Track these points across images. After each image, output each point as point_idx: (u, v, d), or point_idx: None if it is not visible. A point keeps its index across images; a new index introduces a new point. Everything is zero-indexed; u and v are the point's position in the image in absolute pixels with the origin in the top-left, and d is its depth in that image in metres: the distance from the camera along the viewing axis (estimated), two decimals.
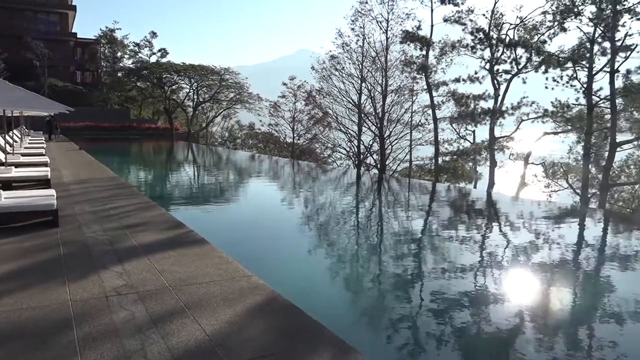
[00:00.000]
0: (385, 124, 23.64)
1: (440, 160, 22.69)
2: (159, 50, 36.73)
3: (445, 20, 21.24)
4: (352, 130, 25.35)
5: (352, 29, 23.60)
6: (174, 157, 21.56)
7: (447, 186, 17.61)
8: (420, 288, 4.51)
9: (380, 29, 23.22)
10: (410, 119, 23.70)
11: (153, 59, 36.12)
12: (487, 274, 5.12)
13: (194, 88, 34.03)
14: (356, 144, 25.26)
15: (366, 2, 23.02)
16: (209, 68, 33.38)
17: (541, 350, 3.25)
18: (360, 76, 23.93)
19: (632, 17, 17.05)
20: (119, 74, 36.59)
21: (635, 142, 18.80)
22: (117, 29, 37.29)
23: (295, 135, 28.97)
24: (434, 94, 22.21)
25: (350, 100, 24.48)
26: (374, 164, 25.55)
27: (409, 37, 21.91)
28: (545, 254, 6.04)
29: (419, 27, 22.03)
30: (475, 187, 21.95)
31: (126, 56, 37.87)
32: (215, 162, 19.85)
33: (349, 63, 24.35)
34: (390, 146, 24.41)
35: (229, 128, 36.36)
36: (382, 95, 23.34)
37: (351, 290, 4.52)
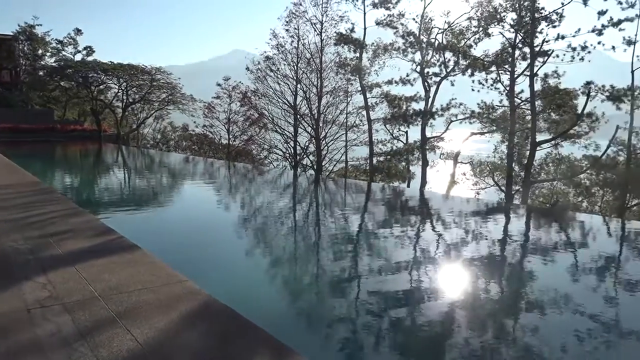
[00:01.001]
0: (321, 125, 23.85)
1: (374, 160, 23.18)
2: (85, 48, 34.87)
3: (378, 24, 21.75)
4: (288, 132, 25.36)
5: (287, 30, 23.64)
6: (102, 160, 20.61)
7: (382, 186, 18.03)
8: (358, 286, 4.58)
9: (315, 30, 23.42)
10: (345, 120, 24.06)
11: (78, 57, 34.29)
12: (422, 269, 5.29)
13: (123, 88, 32.58)
14: (292, 145, 25.29)
15: (300, 4, 23.15)
16: (138, 67, 32.11)
17: (472, 339, 3.39)
18: (295, 77, 24.00)
19: (548, 25, 18.22)
20: (40, 73, 34.42)
21: (553, 142, 20.09)
22: (38, 25, 35.09)
23: (230, 136, 28.54)
24: (368, 95, 22.67)
25: (286, 102, 24.49)
26: (311, 164, 25.69)
27: (343, 39, 22.25)
28: (474, 248, 6.32)
29: (352, 30, 22.42)
30: (408, 186, 22.60)
31: (48, 54, 35.70)
32: (147, 164, 19.18)
33: (284, 64, 24.36)
34: (326, 147, 24.65)
35: (161, 130, 35.18)
36: (318, 96, 23.53)
37: (290, 292, 4.51)
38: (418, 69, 21.62)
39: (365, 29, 22.22)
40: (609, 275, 5.23)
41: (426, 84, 21.61)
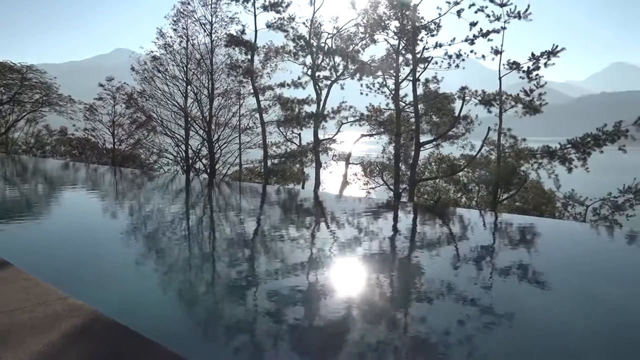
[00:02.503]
0: (213, 127, 23.35)
1: (269, 162, 23.20)
2: None
3: (269, 27, 21.80)
4: (179, 135, 24.50)
5: (175, 29, 22.84)
6: None
7: (277, 188, 18.09)
8: (256, 290, 4.54)
9: (205, 31, 22.88)
10: (238, 123, 23.80)
11: None
12: (318, 269, 5.38)
13: None
14: (184, 149, 24.47)
15: (188, 3, 22.49)
16: (6, 65, 29.01)
17: (368, 333, 3.51)
18: (185, 79, 23.26)
19: (427, 34, 19.53)
20: None
21: (435, 142, 21.55)
22: None
23: (116, 140, 26.86)
24: (261, 98, 22.63)
25: (176, 104, 23.63)
26: (204, 168, 25.05)
27: (234, 41, 21.99)
28: (367, 245, 6.58)
29: (243, 32, 22.24)
30: (303, 187, 22.95)
31: None
32: (19, 172, 17.41)
33: (173, 65, 23.49)
34: (219, 150, 24.19)
35: (35, 133, 32.10)
36: (209, 98, 23.02)
37: (186, 301, 4.34)
38: (309, 72, 22.03)
39: (256, 31, 22.15)
40: (485, 264, 5.71)
41: (317, 87, 22.08)
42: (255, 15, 22.03)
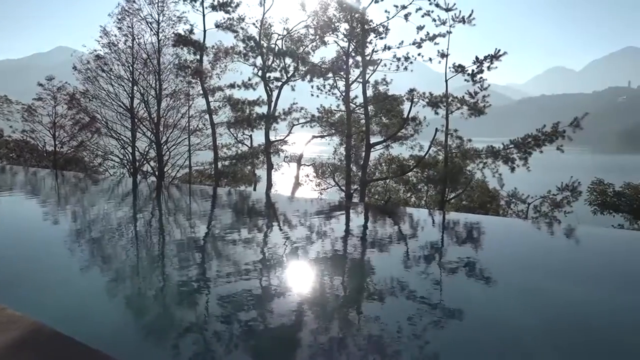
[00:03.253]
0: (161, 129, 22.76)
1: (220, 164, 22.88)
2: None
3: (218, 27, 21.50)
4: (125, 136, 23.69)
5: (119, 28, 22.10)
6: None
7: (228, 190, 17.87)
8: (206, 294, 4.46)
9: (151, 30, 22.27)
10: (187, 124, 23.32)
11: None
12: (272, 271, 5.35)
13: None
14: (130, 151, 23.71)
15: (134, 1, 21.83)
16: None
17: (323, 333, 3.52)
18: (131, 79, 22.54)
19: (376, 36, 19.87)
20: None
21: (385, 143, 21.94)
22: None
23: (57, 142, 25.70)
24: (210, 99, 22.28)
25: (122, 104, 22.86)
26: (152, 171, 24.38)
27: (182, 40, 21.55)
28: (320, 246, 6.61)
29: (191, 31, 21.81)
30: (255, 189, 22.79)
31: None
32: None
33: (118, 64, 22.71)
34: (168, 152, 23.60)
35: None
36: (157, 99, 22.41)
37: (132, 308, 4.21)
38: (260, 73, 21.91)
39: (205, 31, 21.80)
40: (434, 261, 5.86)
41: (268, 88, 21.99)
42: (204, 15, 21.68)
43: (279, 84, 22.02)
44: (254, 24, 21.79)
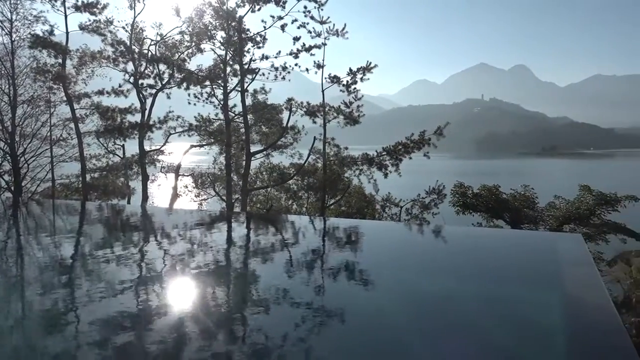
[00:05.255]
0: (17, 139, 20.51)
1: (88, 177, 21.23)
2: None
3: (82, 29, 20.03)
4: None
5: None
6: None
7: (99, 204, 16.61)
8: (77, 319, 4.08)
9: (3, 29, 20.06)
10: (49, 133, 21.30)
11: None
12: (151, 288, 5.06)
13: None
14: None
15: None
16: None
17: (205, 350, 3.41)
18: None
19: (254, 45, 19.93)
20: None
21: (265, 152, 22.02)
22: None
23: None
24: (76, 106, 20.67)
25: None
26: (6, 186, 21.85)
27: (40, 42, 19.70)
28: (201, 258, 6.40)
29: (51, 32, 20.03)
30: (129, 202, 21.49)
31: None
32: None
33: None
34: (26, 164, 21.33)
35: None
36: (11, 106, 20.18)
37: None
38: (131, 79, 20.79)
39: (67, 32, 20.16)
40: (317, 266, 5.99)
41: (141, 95, 20.96)
42: (65, 16, 20.06)
43: (153, 91, 21.11)
44: (123, 27, 20.69)
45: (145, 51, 21.29)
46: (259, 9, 19.41)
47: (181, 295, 4.89)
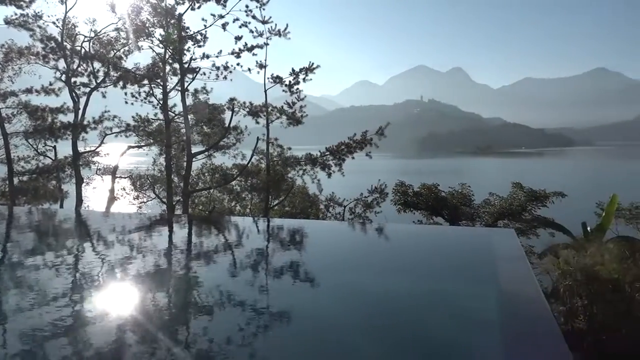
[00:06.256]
0: None
1: (16, 180, 20.02)
2: None
3: (8, 23, 18.86)
4: None
5: None
6: None
7: (29, 209, 15.70)
8: (3, 333, 3.84)
9: None
10: None
11: None
12: (87, 296, 4.84)
13: None
14: None
15: None
16: None
17: (146, 356, 3.31)
18: None
19: (194, 44, 19.52)
20: None
21: (207, 153, 21.63)
22: None
23: None
24: (1, 105, 19.43)
25: None
26: None
27: None
28: (141, 263, 6.20)
29: None
30: (62, 206, 20.46)
31: None
32: None
33: None
34: None
35: None
36: None
37: None
38: (63, 77, 19.81)
39: None
40: (262, 267, 5.95)
41: (74, 94, 20.03)
42: None
43: (87, 90, 20.20)
44: (54, 22, 19.63)
45: (78, 48, 20.36)
46: (199, 7, 19.03)
47: (119, 302, 4.71)
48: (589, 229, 13.99)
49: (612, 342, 7.81)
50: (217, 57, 19.62)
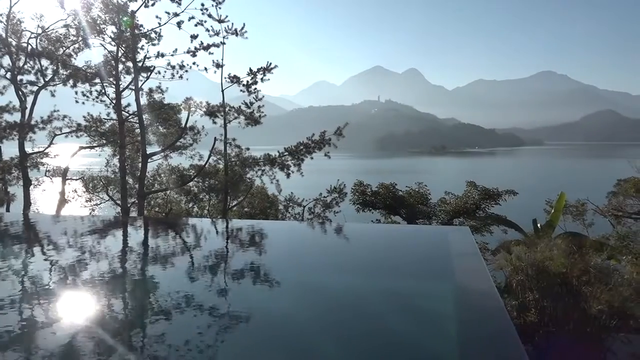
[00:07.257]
0: None
1: None
2: None
3: None
4: None
5: None
6: None
7: None
8: None
9: None
10: None
11: None
12: (36, 303, 4.64)
13: None
14: None
15: None
16: None
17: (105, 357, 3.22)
18: None
19: (148, 42, 19.04)
20: None
21: (163, 153, 21.17)
22: None
23: None
24: None
25: None
26: None
27: None
28: (95, 268, 6.00)
29: None
30: (8, 210, 19.55)
31: None
32: None
33: None
34: None
35: None
36: None
37: None
38: (9, 75, 18.95)
39: None
40: (220, 269, 5.88)
41: (20, 93, 19.18)
42: None
43: (35, 88, 19.38)
44: None
45: (25, 44, 19.51)
46: (152, 4, 18.59)
47: (70, 309, 4.54)
48: (539, 225, 14.55)
49: (561, 334, 8.15)
50: (172, 55, 19.23)
